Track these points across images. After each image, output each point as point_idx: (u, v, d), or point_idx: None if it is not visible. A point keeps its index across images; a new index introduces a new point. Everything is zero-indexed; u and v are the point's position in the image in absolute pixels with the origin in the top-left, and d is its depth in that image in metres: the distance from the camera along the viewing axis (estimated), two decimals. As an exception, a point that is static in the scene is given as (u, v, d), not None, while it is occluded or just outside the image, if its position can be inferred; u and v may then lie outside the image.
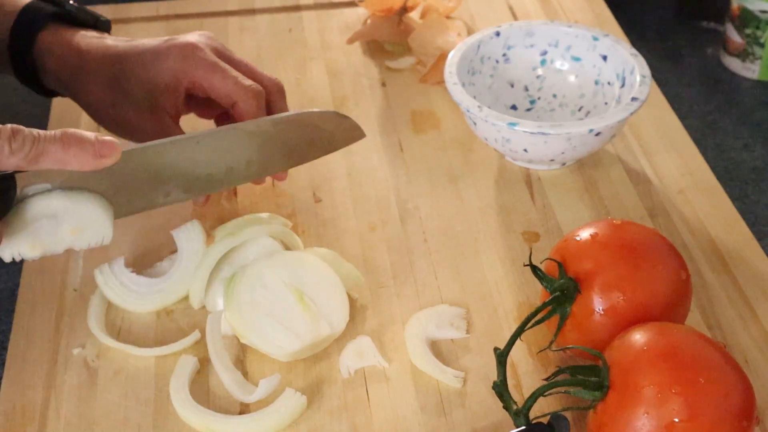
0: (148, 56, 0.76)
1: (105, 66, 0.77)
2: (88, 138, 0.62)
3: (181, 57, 0.76)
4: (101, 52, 0.77)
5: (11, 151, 0.59)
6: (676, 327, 0.61)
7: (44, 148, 0.60)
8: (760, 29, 1.00)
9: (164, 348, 0.70)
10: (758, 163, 0.92)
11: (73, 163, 0.62)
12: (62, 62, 0.78)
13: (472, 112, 0.80)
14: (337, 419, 0.66)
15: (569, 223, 0.80)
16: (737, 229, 0.80)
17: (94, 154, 0.62)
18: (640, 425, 0.57)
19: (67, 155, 0.61)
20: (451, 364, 0.69)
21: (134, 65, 0.76)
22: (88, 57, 0.77)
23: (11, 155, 0.59)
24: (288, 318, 0.69)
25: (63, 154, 0.61)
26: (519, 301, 0.74)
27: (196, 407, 0.66)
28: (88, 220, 0.65)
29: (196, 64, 0.75)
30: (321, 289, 0.71)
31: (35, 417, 0.67)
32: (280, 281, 0.71)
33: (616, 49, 0.87)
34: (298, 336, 0.69)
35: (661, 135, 0.90)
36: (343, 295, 0.72)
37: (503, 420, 0.64)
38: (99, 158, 0.62)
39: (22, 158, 0.60)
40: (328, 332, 0.70)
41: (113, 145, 0.63)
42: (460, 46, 0.87)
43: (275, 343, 0.69)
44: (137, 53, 0.77)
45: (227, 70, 0.76)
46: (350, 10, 1.08)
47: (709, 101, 1.00)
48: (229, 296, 0.70)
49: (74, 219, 0.65)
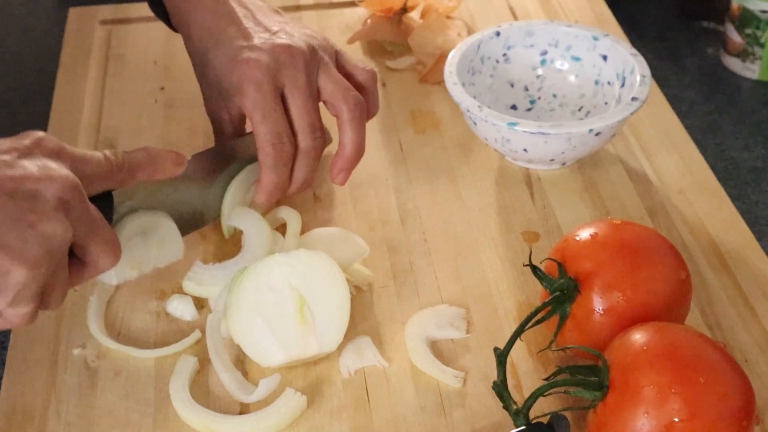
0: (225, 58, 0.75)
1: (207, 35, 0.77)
2: (163, 150, 0.68)
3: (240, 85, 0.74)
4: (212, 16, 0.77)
5: (117, 167, 0.64)
6: (676, 327, 0.61)
7: (138, 162, 0.66)
8: (760, 29, 1.00)
9: (164, 349, 0.70)
10: (758, 163, 0.92)
11: (159, 173, 0.68)
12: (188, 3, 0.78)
13: (472, 112, 0.80)
14: (337, 419, 0.66)
15: (569, 223, 0.80)
16: (737, 229, 0.80)
17: (174, 162, 0.68)
18: (640, 425, 0.57)
19: (154, 167, 0.67)
20: (451, 364, 0.69)
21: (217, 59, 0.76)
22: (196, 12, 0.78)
23: (117, 172, 0.64)
24: (282, 328, 0.68)
25: (152, 167, 0.67)
26: (519, 301, 0.74)
27: (196, 407, 0.66)
28: (167, 236, 0.71)
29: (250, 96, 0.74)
30: (326, 300, 0.69)
31: (35, 417, 0.67)
32: (287, 283, 0.69)
33: (616, 49, 0.87)
34: (286, 350, 0.68)
35: (661, 135, 0.90)
36: (346, 311, 0.69)
37: (503, 420, 0.64)
38: (178, 165, 0.68)
39: (124, 175, 0.65)
40: (315, 352, 0.68)
41: (182, 156, 0.69)
42: (460, 46, 0.87)
43: (262, 351, 0.68)
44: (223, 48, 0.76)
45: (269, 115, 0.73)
46: (350, 10, 1.08)
47: (709, 101, 1.00)
48: (234, 290, 0.70)
49: (158, 235, 0.70)
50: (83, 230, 0.60)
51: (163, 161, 0.67)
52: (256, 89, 0.73)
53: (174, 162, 0.68)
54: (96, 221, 0.61)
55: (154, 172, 0.67)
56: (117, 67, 1.00)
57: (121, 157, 0.65)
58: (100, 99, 0.96)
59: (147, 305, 0.74)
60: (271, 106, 0.73)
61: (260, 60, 0.73)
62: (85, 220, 0.60)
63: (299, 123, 0.74)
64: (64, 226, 0.57)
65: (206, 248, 0.79)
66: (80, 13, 1.08)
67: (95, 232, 0.61)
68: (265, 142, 0.73)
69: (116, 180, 0.65)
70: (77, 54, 1.02)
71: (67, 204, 0.58)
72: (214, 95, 0.78)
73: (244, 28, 0.76)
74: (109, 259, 0.62)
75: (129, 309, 0.74)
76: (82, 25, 1.06)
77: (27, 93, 1.00)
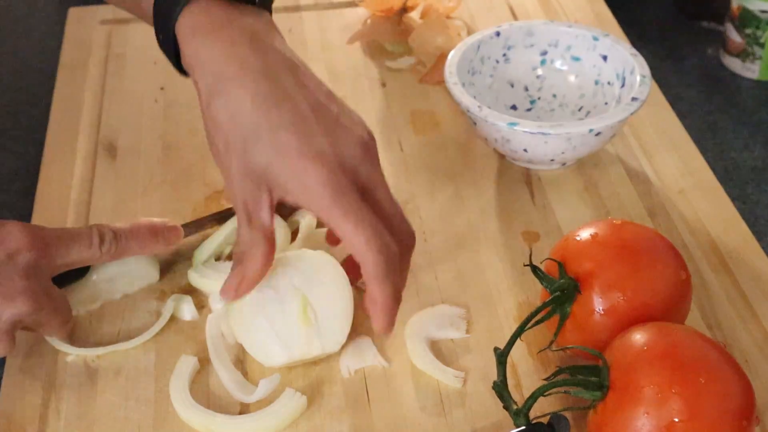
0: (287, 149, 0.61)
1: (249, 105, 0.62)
2: (159, 227, 0.71)
3: (318, 184, 0.60)
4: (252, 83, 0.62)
5: (101, 253, 0.69)
6: (676, 327, 0.61)
7: (126, 246, 0.69)
8: (760, 29, 1.00)
9: (127, 343, 0.71)
10: (758, 163, 0.92)
11: (147, 252, 0.72)
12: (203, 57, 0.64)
13: (472, 112, 0.80)
14: (337, 419, 0.66)
15: (569, 223, 0.80)
16: (737, 229, 0.80)
17: (164, 242, 0.71)
18: (640, 425, 0.57)
19: (143, 249, 0.71)
20: (451, 364, 0.69)
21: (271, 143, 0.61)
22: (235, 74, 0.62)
23: (101, 256, 0.69)
24: (285, 328, 0.67)
25: (139, 249, 0.70)
26: (519, 301, 0.74)
27: (196, 407, 0.66)
28: (137, 275, 0.74)
29: (331, 202, 0.61)
30: (330, 301, 0.68)
31: (35, 417, 0.67)
32: (290, 284, 0.68)
33: (616, 49, 0.87)
34: (289, 350, 0.67)
35: (661, 135, 0.90)
36: (349, 312, 0.69)
37: (503, 420, 0.64)
38: (168, 245, 0.72)
39: (108, 257, 0.69)
40: (318, 352, 0.68)
41: (177, 230, 0.72)
42: (460, 46, 0.87)
43: (264, 351, 0.68)
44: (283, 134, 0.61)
45: (364, 222, 0.61)
46: (350, 10, 1.08)
47: (709, 101, 1.00)
48: None
49: (126, 278, 0.74)
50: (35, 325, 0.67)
51: (153, 242, 0.71)
52: (338, 193, 0.60)
53: (164, 241, 0.72)
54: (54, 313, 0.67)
55: (142, 252, 0.71)
56: (117, 67, 1.00)
57: (109, 243, 0.68)
58: (100, 99, 0.96)
59: (147, 305, 0.74)
60: (363, 210, 0.61)
61: (335, 158, 0.61)
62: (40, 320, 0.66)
63: (393, 220, 0.64)
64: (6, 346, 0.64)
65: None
66: (80, 13, 1.08)
67: (49, 322, 0.67)
68: (368, 251, 0.60)
69: (98, 261, 0.70)
70: (77, 54, 1.02)
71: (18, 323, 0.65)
72: (251, 178, 0.63)
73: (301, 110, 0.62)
74: (56, 334, 0.70)
75: (129, 309, 0.74)
76: (82, 25, 1.06)
77: (27, 93, 0.99)
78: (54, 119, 0.93)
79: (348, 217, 0.60)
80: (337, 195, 0.60)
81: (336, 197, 0.60)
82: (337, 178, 0.61)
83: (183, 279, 0.76)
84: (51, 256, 0.66)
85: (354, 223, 0.60)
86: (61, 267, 0.67)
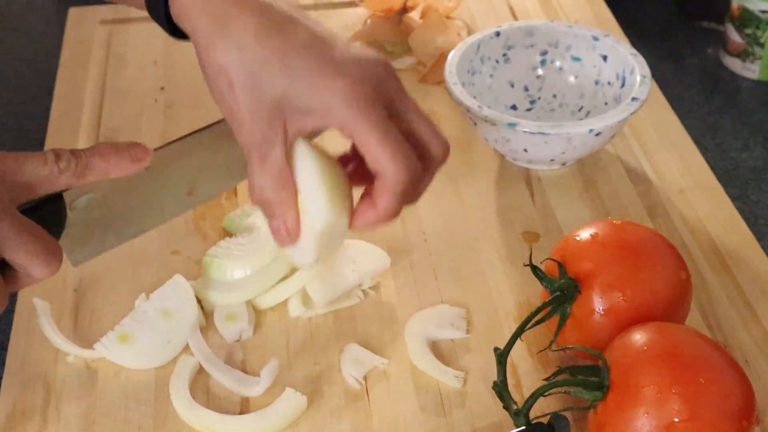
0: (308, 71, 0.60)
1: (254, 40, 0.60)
2: (122, 145, 0.63)
3: (344, 98, 0.59)
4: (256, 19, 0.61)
5: (60, 171, 0.61)
6: (676, 327, 0.61)
7: (87, 162, 0.62)
8: (760, 29, 1.00)
9: None
10: (758, 163, 0.92)
11: (114, 173, 0.63)
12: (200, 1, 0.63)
13: (472, 112, 0.80)
14: (337, 419, 0.66)
15: (569, 223, 0.80)
16: (737, 229, 0.80)
17: (131, 159, 0.63)
18: (640, 425, 0.57)
19: (108, 165, 0.63)
20: (451, 364, 0.69)
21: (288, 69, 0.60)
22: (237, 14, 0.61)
23: (60, 175, 0.61)
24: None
25: (104, 165, 0.62)
26: (519, 301, 0.74)
27: (196, 407, 0.66)
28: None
29: (357, 115, 0.59)
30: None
31: (35, 417, 0.67)
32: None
33: (616, 49, 0.87)
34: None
35: (661, 135, 0.90)
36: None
37: (503, 420, 0.64)
38: (136, 162, 0.63)
39: (71, 176, 0.61)
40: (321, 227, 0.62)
41: (145, 148, 0.64)
42: (460, 46, 0.87)
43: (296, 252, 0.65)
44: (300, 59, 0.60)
45: (389, 134, 0.59)
46: (350, 10, 1.08)
47: (709, 101, 1.00)
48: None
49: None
50: (3, 245, 0.58)
51: (118, 159, 0.63)
52: (364, 103, 0.59)
53: (132, 158, 0.63)
54: (20, 235, 0.58)
55: (108, 171, 0.63)
56: (117, 66, 1.00)
57: (67, 160, 0.61)
58: (100, 99, 0.96)
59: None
60: (390, 125, 0.60)
61: (357, 71, 0.60)
62: (3, 236, 0.57)
63: (426, 131, 0.63)
64: None
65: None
66: (80, 13, 1.08)
67: (21, 246, 0.58)
68: (393, 166, 0.59)
69: (62, 183, 0.61)
70: (77, 54, 1.02)
71: None
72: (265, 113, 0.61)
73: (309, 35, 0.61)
74: (41, 266, 0.59)
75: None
76: (82, 25, 1.06)
77: (27, 93, 1.00)
78: (54, 119, 0.93)
79: (374, 130, 0.59)
80: (362, 106, 0.59)
81: (362, 108, 0.59)
82: (362, 88, 0.59)
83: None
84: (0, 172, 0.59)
85: (380, 136, 0.59)
86: (19, 188, 0.60)
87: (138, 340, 0.70)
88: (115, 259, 0.77)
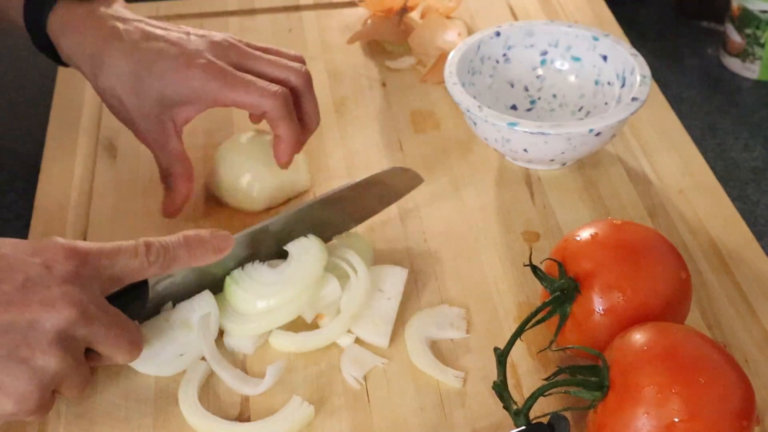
0: (169, 69, 0.75)
1: (123, 61, 0.76)
2: (206, 238, 0.68)
3: (203, 78, 0.74)
4: (120, 45, 0.76)
5: (149, 263, 0.65)
6: (676, 327, 0.61)
7: (174, 255, 0.67)
8: (760, 29, 1.00)
9: None
10: (758, 163, 0.92)
11: (197, 263, 0.68)
12: (78, 46, 0.77)
13: (472, 112, 0.80)
14: (337, 419, 0.66)
15: (569, 223, 0.80)
16: (737, 229, 0.80)
17: (214, 251, 0.68)
18: (640, 425, 0.57)
19: (192, 258, 0.67)
20: (451, 364, 0.69)
21: (154, 74, 0.75)
22: (105, 47, 0.76)
23: (149, 267, 0.65)
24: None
25: (188, 257, 0.67)
26: (519, 301, 0.74)
27: (204, 414, 0.66)
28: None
29: (219, 84, 0.74)
30: None
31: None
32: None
33: (616, 49, 0.87)
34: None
35: (661, 135, 0.90)
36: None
37: (503, 420, 0.64)
38: (218, 253, 0.68)
39: (158, 268, 0.66)
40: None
41: (228, 238, 0.69)
42: (460, 46, 0.87)
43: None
44: (160, 62, 0.75)
45: (250, 83, 0.75)
46: (350, 10, 1.08)
47: (709, 101, 1.00)
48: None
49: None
50: (93, 339, 0.61)
51: (203, 251, 0.68)
52: (219, 75, 0.74)
53: (214, 250, 0.68)
54: (109, 330, 0.62)
55: (192, 262, 0.68)
56: (117, 67, 1.00)
57: (156, 252, 0.65)
58: (100, 99, 0.95)
59: (147, 305, 0.74)
60: (244, 77, 0.75)
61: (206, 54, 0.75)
62: (94, 333, 0.61)
63: (276, 69, 0.77)
64: (58, 359, 0.59)
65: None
66: (80, 13, 1.08)
67: (108, 337, 0.62)
68: (263, 102, 0.74)
69: (151, 273, 0.66)
70: (77, 54, 1.02)
71: (66, 334, 0.60)
72: (152, 114, 0.76)
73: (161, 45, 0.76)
74: (124, 355, 0.64)
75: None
76: (82, 25, 1.06)
77: (27, 93, 0.99)
78: (54, 119, 0.93)
79: (236, 88, 0.74)
80: (219, 77, 0.74)
81: (219, 79, 0.74)
82: (212, 65, 0.75)
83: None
84: (94, 267, 0.63)
85: (242, 89, 0.74)
86: (110, 281, 0.64)
87: (152, 346, 0.69)
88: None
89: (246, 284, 0.71)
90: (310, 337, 0.70)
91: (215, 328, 0.70)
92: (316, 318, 0.72)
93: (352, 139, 0.90)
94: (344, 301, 0.71)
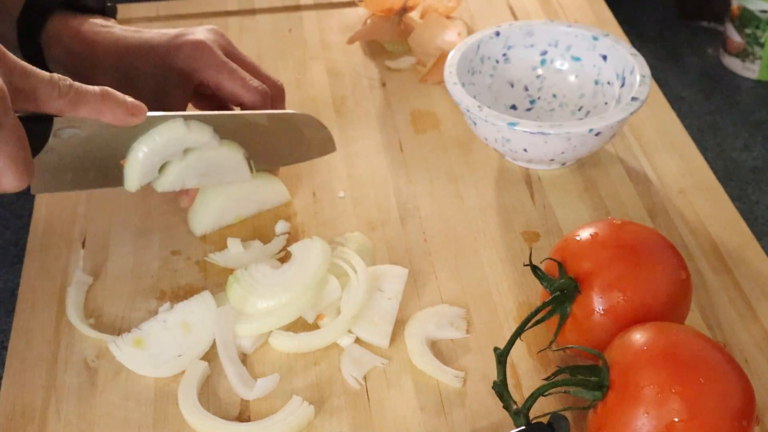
0: (159, 52, 0.78)
1: (114, 58, 0.78)
2: (123, 98, 0.68)
3: (191, 56, 0.77)
4: (111, 44, 0.79)
5: (59, 94, 0.64)
6: (676, 327, 0.61)
7: (85, 96, 0.65)
8: (760, 29, 1.00)
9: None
10: (758, 163, 0.92)
11: (107, 115, 0.67)
12: (70, 52, 0.79)
13: (472, 112, 0.80)
14: (337, 419, 0.66)
15: (569, 223, 0.80)
16: (737, 229, 0.80)
17: (126, 111, 0.68)
18: (640, 425, 0.57)
19: (103, 106, 0.67)
20: (451, 364, 0.69)
21: (145, 60, 0.77)
22: (96, 48, 0.78)
23: (59, 98, 0.64)
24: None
25: (100, 105, 0.66)
26: (519, 301, 0.74)
27: (204, 414, 0.66)
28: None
29: (206, 63, 0.77)
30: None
31: (35, 417, 0.67)
32: None
33: (616, 49, 0.87)
34: None
35: (661, 135, 0.90)
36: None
37: (503, 420, 0.64)
38: (130, 116, 0.68)
39: (66, 102, 0.65)
40: None
41: (143, 108, 0.69)
42: (460, 46, 0.87)
43: None
44: (148, 48, 0.78)
45: (235, 70, 0.78)
46: (350, 10, 1.08)
47: (709, 101, 1.01)
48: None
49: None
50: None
51: (116, 105, 0.67)
52: (208, 53, 0.77)
53: (127, 111, 0.67)
54: (9, 136, 0.59)
55: (102, 112, 0.66)
56: (117, 67, 1.00)
57: (69, 87, 0.64)
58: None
59: (147, 305, 0.74)
60: (229, 63, 0.78)
61: (198, 35, 0.78)
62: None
63: (258, 71, 0.81)
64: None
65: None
66: (80, 13, 1.08)
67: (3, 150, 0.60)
68: (246, 92, 0.77)
69: (57, 105, 0.64)
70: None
71: None
72: (150, 99, 0.74)
73: (158, 32, 0.80)
74: (12, 179, 0.61)
75: (129, 309, 0.74)
76: (82, 25, 1.06)
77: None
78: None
79: (221, 70, 0.77)
80: (207, 55, 0.77)
81: (206, 57, 0.77)
82: (203, 44, 0.78)
83: (182, 279, 0.76)
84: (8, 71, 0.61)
85: (227, 74, 0.78)
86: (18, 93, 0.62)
87: (151, 347, 0.69)
88: (114, 257, 0.77)
89: (248, 284, 0.71)
90: (311, 337, 0.70)
91: (232, 321, 0.70)
92: (317, 318, 0.72)
93: (352, 139, 0.90)
94: (344, 301, 0.71)
